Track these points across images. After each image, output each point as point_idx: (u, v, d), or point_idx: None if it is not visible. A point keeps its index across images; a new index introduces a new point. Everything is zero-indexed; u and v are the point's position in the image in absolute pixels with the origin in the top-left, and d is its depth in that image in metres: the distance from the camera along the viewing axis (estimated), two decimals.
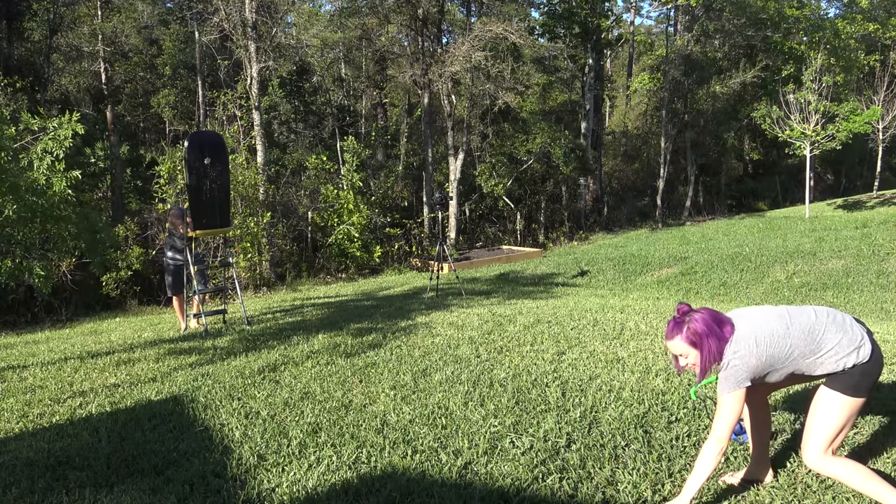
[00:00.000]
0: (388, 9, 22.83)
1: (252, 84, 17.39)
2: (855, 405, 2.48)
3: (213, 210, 7.22)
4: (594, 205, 27.06)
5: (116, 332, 8.15)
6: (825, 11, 32.54)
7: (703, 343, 2.54)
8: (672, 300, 10.20)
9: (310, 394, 4.42)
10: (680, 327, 2.58)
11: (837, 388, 2.49)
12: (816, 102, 21.24)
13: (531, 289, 12.18)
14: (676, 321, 2.60)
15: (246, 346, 6.22)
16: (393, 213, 21.56)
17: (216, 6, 17.70)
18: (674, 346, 2.60)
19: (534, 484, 2.95)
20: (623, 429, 3.49)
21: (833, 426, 2.48)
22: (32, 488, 3.17)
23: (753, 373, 2.51)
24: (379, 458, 3.30)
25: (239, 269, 15.12)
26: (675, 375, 4.40)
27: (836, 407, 2.49)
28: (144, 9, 27.76)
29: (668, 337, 2.62)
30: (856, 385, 2.47)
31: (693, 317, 2.57)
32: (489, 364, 4.94)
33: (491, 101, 22.45)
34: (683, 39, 27.42)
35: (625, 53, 35.53)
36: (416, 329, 6.56)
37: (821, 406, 2.52)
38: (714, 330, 2.54)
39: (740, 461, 3.09)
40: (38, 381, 5.32)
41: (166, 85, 26.27)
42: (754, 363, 2.49)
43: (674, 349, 2.62)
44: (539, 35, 25.59)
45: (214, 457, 3.45)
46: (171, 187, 15.58)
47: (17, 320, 13.29)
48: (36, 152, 8.62)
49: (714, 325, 2.55)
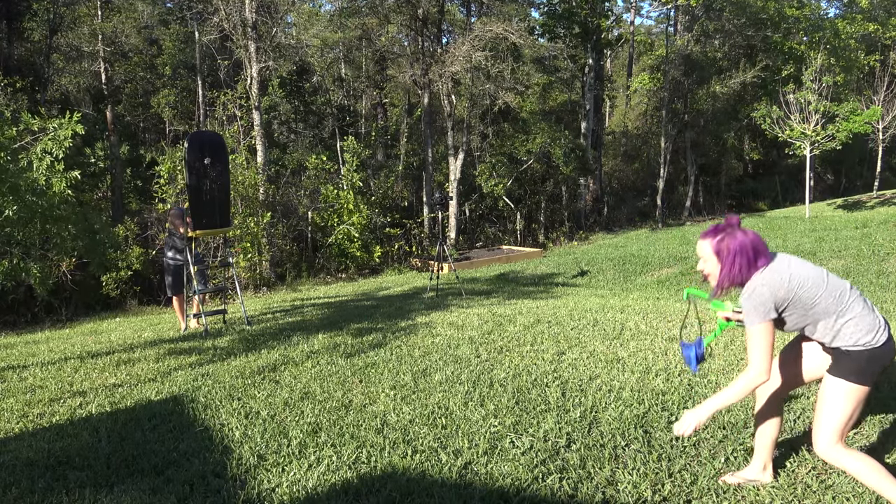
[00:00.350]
0: (388, 9, 22.83)
1: (252, 84, 17.39)
2: (860, 392, 2.47)
3: (213, 210, 7.22)
4: (594, 205, 27.06)
5: (116, 332, 8.14)
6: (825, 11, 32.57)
7: (729, 259, 2.50)
8: (672, 300, 10.20)
9: (310, 394, 4.42)
10: (716, 233, 2.55)
11: (842, 375, 2.48)
12: (816, 102, 21.24)
13: (531, 289, 12.18)
14: (718, 227, 2.56)
15: (246, 346, 6.22)
16: (393, 213, 21.57)
17: (216, 6, 17.70)
18: (701, 246, 2.59)
19: (534, 484, 2.95)
20: (623, 429, 3.49)
21: (840, 414, 2.48)
22: (32, 488, 3.17)
23: (778, 306, 2.47)
24: (379, 458, 3.30)
25: (239, 269, 15.12)
26: (675, 375, 4.40)
27: (841, 395, 2.47)
28: (144, 9, 27.76)
29: (701, 236, 2.60)
30: (860, 371, 2.45)
31: (734, 233, 2.52)
32: (489, 364, 4.94)
33: (491, 101, 22.46)
34: (683, 39, 27.42)
35: (625, 53, 35.53)
36: (416, 329, 6.56)
37: (827, 395, 2.51)
38: (747, 253, 2.49)
39: (740, 461, 3.09)
40: (38, 381, 5.32)
41: (166, 85, 26.28)
42: (782, 295, 2.46)
43: (699, 250, 2.60)
44: (539, 35, 25.59)
45: (214, 457, 3.45)
46: (171, 187, 15.58)
47: (17, 320, 13.30)
48: (35, 153, 8.62)
49: (750, 249, 2.50)
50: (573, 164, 23.07)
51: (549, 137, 23.00)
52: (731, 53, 29.25)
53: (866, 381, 2.48)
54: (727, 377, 4.35)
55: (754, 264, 2.50)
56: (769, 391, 2.79)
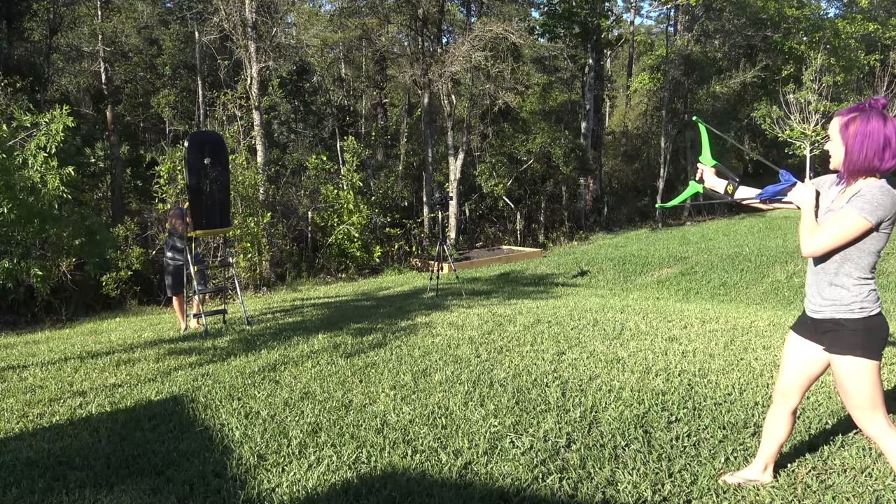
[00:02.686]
0: (388, 9, 22.85)
1: (252, 84, 17.39)
2: (873, 366, 2.41)
3: (213, 210, 7.22)
4: (594, 205, 27.07)
5: (116, 332, 8.14)
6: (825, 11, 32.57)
7: (852, 142, 2.27)
8: (672, 300, 10.20)
9: (310, 394, 4.42)
10: (850, 112, 2.31)
11: (847, 352, 2.42)
12: (816, 102, 21.25)
13: (531, 289, 12.18)
14: (858, 106, 2.32)
15: (246, 346, 6.22)
16: (393, 213, 21.58)
17: (216, 6, 17.71)
18: (832, 124, 2.37)
19: (534, 484, 2.94)
20: (623, 429, 3.49)
21: (866, 390, 2.41)
22: (32, 488, 3.17)
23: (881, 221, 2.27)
24: (379, 458, 3.30)
25: (239, 269, 15.11)
26: (675, 375, 4.40)
27: (855, 373, 2.42)
28: (144, 9, 27.77)
29: (836, 112, 2.38)
30: (861, 344, 2.41)
31: (870, 116, 2.25)
32: (489, 364, 4.94)
33: (491, 101, 22.47)
34: (683, 39, 27.43)
35: (625, 53, 35.53)
36: (416, 329, 6.56)
37: (846, 381, 2.45)
38: (877, 142, 2.23)
39: (740, 461, 3.09)
40: (38, 381, 5.32)
41: (166, 85, 26.28)
42: (890, 208, 2.26)
43: (830, 127, 2.38)
44: (539, 35, 25.61)
45: (214, 457, 3.45)
46: (171, 187, 15.58)
47: (17, 320, 13.30)
48: (30, 149, 8.57)
49: (881, 139, 2.23)
50: (573, 164, 23.07)
51: (549, 137, 23.01)
52: (731, 53, 29.26)
53: (873, 355, 2.40)
54: (727, 376, 4.35)
55: (881, 156, 2.24)
56: (789, 404, 2.73)
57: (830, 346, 2.50)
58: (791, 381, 2.71)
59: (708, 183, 2.76)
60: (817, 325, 2.55)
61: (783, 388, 2.74)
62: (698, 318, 6.61)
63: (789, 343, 2.73)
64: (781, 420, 2.77)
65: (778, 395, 2.76)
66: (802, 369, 2.68)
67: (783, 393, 2.74)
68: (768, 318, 6.75)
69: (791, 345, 2.72)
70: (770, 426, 2.81)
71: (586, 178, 25.99)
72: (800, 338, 2.68)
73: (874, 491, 2.78)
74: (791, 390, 2.72)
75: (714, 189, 2.75)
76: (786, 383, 2.72)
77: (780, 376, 2.75)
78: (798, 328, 2.70)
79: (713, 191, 2.76)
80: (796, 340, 2.70)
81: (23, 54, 21.65)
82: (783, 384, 2.73)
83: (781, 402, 2.75)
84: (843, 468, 2.99)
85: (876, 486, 2.81)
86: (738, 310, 7.79)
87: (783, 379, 2.73)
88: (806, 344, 2.65)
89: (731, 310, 7.71)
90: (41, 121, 8.74)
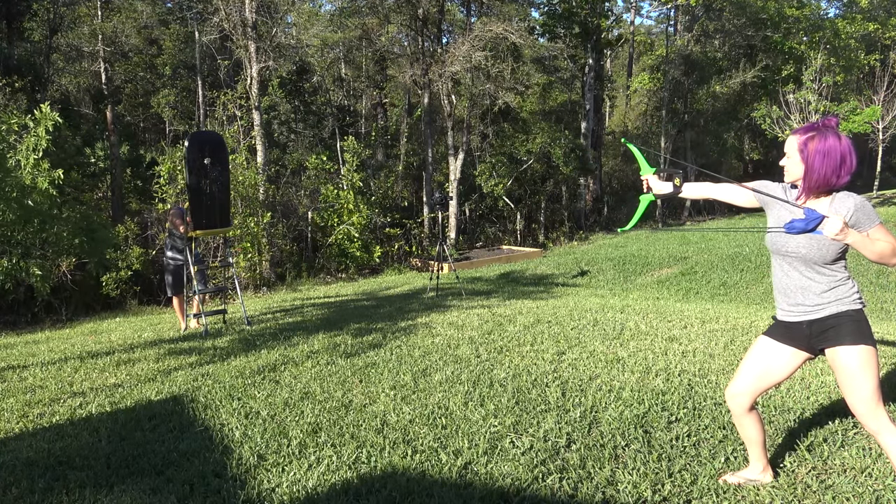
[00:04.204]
0: (388, 9, 22.85)
1: (252, 84, 17.39)
2: (871, 352, 2.45)
3: (213, 210, 7.22)
4: (594, 205, 27.07)
5: (116, 332, 8.14)
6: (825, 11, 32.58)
7: (811, 160, 2.38)
8: (672, 300, 10.21)
9: (310, 394, 4.42)
10: (806, 131, 2.42)
11: (858, 340, 2.44)
12: (816, 102, 21.27)
13: (531, 289, 12.18)
14: (814, 125, 2.42)
15: (246, 346, 6.22)
16: (393, 213, 21.57)
17: (216, 6, 17.71)
18: (788, 141, 2.49)
19: (534, 484, 2.94)
20: (623, 429, 3.49)
21: (873, 380, 2.44)
22: (32, 488, 3.17)
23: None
24: (379, 458, 3.30)
25: (239, 269, 15.12)
26: (675, 375, 4.40)
27: (865, 361, 2.44)
28: (144, 9, 27.75)
29: (792, 132, 2.49)
30: (867, 332, 2.46)
31: (826, 134, 2.37)
32: (489, 364, 4.94)
33: (491, 101, 22.47)
34: (683, 39, 27.43)
35: (625, 53, 35.53)
36: (416, 329, 6.56)
37: (856, 372, 2.46)
38: (833, 160, 2.35)
39: (740, 461, 3.09)
40: (38, 381, 5.32)
41: (166, 85, 26.28)
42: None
43: (786, 145, 2.50)
44: (539, 35, 25.60)
45: (214, 457, 3.45)
46: (171, 187, 15.57)
47: (17, 320, 13.30)
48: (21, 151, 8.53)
49: (838, 157, 2.35)
50: (573, 164, 23.07)
51: (549, 137, 23.01)
52: (731, 53, 29.26)
53: (870, 341, 2.45)
54: (727, 376, 4.35)
55: (840, 173, 2.36)
56: (739, 400, 2.74)
57: (837, 341, 2.49)
58: (748, 384, 2.71)
59: (655, 189, 2.87)
60: (814, 325, 2.55)
61: (735, 389, 2.74)
62: (698, 318, 6.61)
63: (759, 347, 2.72)
64: (744, 423, 2.78)
65: (730, 396, 2.76)
66: (765, 374, 2.69)
67: (734, 395, 2.74)
68: (768, 318, 6.75)
69: (761, 348, 2.71)
70: (741, 431, 2.83)
71: (586, 178, 25.99)
72: (774, 342, 2.68)
73: (874, 491, 2.78)
74: (743, 392, 2.72)
75: (662, 192, 2.85)
76: (740, 385, 2.72)
77: (737, 379, 2.75)
78: (773, 333, 2.70)
79: (663, 194, 2.86)
80: (769, 344, 2.69)
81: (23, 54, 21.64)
82: (737, 386, 2.73)
83: (734, 405, 2.76)
84: (843, 468, 2.99)
85: (876, 486, 2.81)
86: (738, 310, 7.79)
87: (739, 381, 2.73)
88: (781, 348, 2.66)
89: (731, 310, 7.71)
90: (29, 122, 8.68)
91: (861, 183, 32.04)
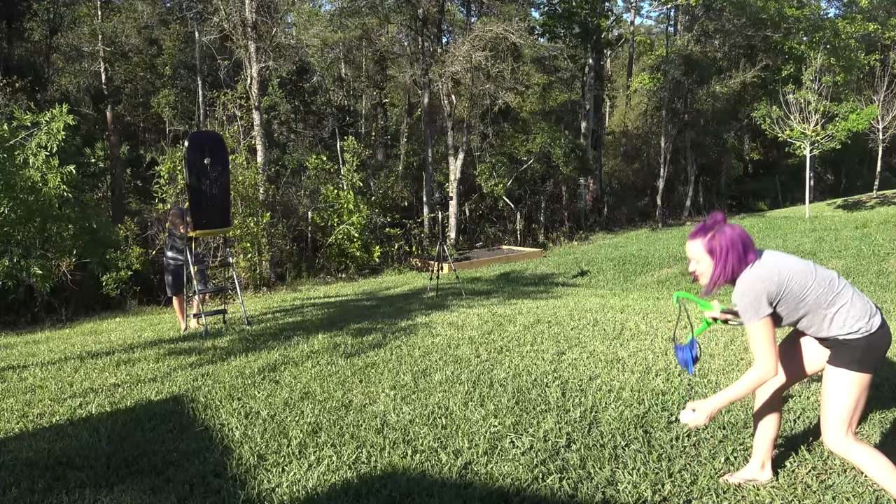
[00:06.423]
0: (388, 9, 22.84)
1: (252, 84, 17.39)
2: (863, 380, 2.46)
3: (213, 210, 7.21)
4: (594, 205, 27.06)
5: (116, 332, 8.14)
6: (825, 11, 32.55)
7: (722, 256, 2.49)
8: (672, 300, 10.20)
9: (310, 394, 4.42)
10: (705, 232, 2.54)
11: (843, 364, 2.47)
12: (816, 102, 21.25)
13: (531, 289, 12.17)
14: (706, 225, 2.55)
15: (246, 346, 6.22)
16: (393, 213, 21.55)
17: (216, 6, 17.72)
18: (692, 247, 2.57)
19: (534, 484, 2.95)
20: (623, 429, 3.49)
21: (846, 404, 2.46)
22: (32, 488, 3.17)
23: (771, 300, 2.47)
24: (379, 458, 3.30)
25: (239, 269, 15.11)
26: (675, 375, 4.40)
27: (844, 384, 2.46)
28: (144, 9, 27.74)
29: (690, 237, 2.59)
30: (860, 359, 2.45)
31: (723, 228, 2.51)
32: (489, 364, 4.94)
33: (491, 101, 22.47)
34: (683, 39, 27.43)
35: (625, 53, 35.50)
36: (416, 329, 6.56)
37: (831, 386, 2.50)
38: (738, 248, 2.48)
39: (740, 461, 3.09)
40: (38, 381, 5.32)
41: (166, 85, 26.26)
42: (773, 289, 2.45)
43: (690, 251, 2.58)
44: (539, 35, 25.59)
45: (214, 457, 3.45)
46: (171, 187, 15.57)
47: (17, 320, 13.29)
48: (31, 148, 8.55)
49: (740, 244, 2.49)
50: (573, 164, 23.07)
51: (549, 137, 23.00)
52: (731, 53, 29.25)
53: (868, 369, 2.46)
54: (727, 377, 4.35)
55: (744, 259, 2.49)
56: (770, 388, 2.77)
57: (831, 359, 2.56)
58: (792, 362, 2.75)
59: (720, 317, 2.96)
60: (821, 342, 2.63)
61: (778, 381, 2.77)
62: (699, 318, 6.61)
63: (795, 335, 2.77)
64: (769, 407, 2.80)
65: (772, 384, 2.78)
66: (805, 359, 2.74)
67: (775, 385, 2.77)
68: None
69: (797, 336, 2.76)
70: (759, 420, 2.84)
71: (586, 178, 25.99)
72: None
73: (874, 491, 2.78)
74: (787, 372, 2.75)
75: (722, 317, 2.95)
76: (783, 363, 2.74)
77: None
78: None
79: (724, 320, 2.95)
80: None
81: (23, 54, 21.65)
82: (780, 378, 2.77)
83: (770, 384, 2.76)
84: (843, 468, 2.99)
85: (876, 486, 2.81)
86: None
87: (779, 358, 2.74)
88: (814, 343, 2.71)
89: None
90: (41, 120, 8.72)
91: (861, 183, 32.08)
